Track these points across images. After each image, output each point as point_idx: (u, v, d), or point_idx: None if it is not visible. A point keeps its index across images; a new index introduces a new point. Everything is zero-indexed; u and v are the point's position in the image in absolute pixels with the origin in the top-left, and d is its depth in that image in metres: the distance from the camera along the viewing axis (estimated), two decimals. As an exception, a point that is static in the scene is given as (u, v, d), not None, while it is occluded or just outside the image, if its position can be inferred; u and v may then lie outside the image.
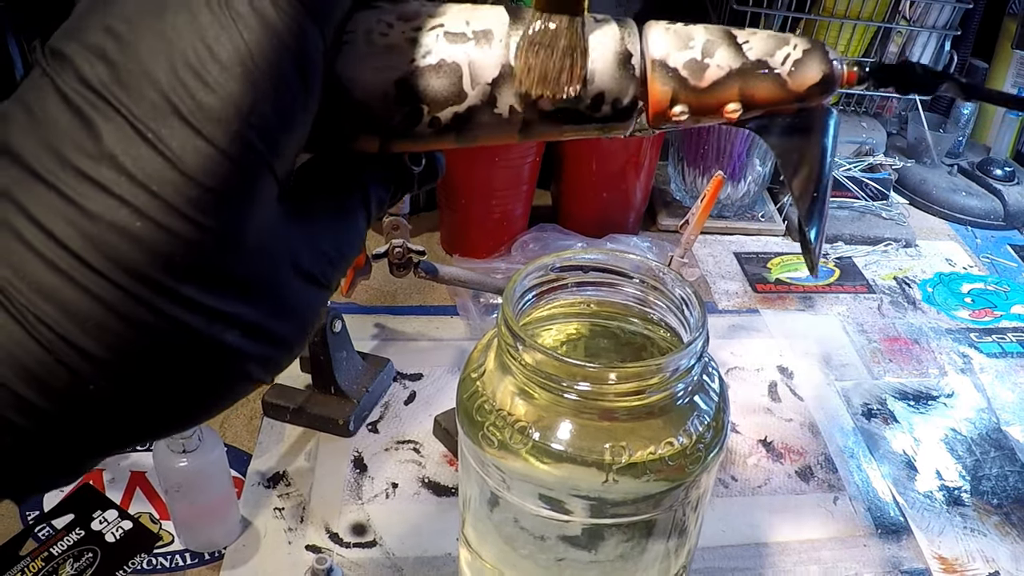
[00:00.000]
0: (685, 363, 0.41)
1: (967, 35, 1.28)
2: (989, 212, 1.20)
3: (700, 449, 0.43)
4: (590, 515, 0.43)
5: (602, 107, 0.28)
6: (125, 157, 0.20)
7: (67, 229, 0.20)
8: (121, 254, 0.20)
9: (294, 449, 0.74)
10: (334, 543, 0.66)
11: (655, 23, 0.28)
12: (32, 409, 0.21)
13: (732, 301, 1.00)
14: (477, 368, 0.46)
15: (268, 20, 0.21)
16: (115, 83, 0.20)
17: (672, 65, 0.28)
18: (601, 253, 0.48)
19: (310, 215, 0.26)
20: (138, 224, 0.20)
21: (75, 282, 0.20)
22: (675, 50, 0.28)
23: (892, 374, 0.89)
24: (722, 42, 0.28)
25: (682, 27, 0.28)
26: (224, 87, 0.21)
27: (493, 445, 0.43)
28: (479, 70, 0.27)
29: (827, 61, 0.28)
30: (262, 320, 0.24)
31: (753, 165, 1.09)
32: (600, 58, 0.27)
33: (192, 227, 0.21)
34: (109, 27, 0.21)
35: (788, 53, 0.28)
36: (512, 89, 0.27)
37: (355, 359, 0.79)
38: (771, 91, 0.28)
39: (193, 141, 0.21)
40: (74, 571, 0.62)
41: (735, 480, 0.74)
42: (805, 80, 0.28)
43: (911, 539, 0.70)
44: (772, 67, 0.28)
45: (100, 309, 0.21)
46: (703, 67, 0.28)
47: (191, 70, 0.21)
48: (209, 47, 0.21)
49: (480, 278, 0.74)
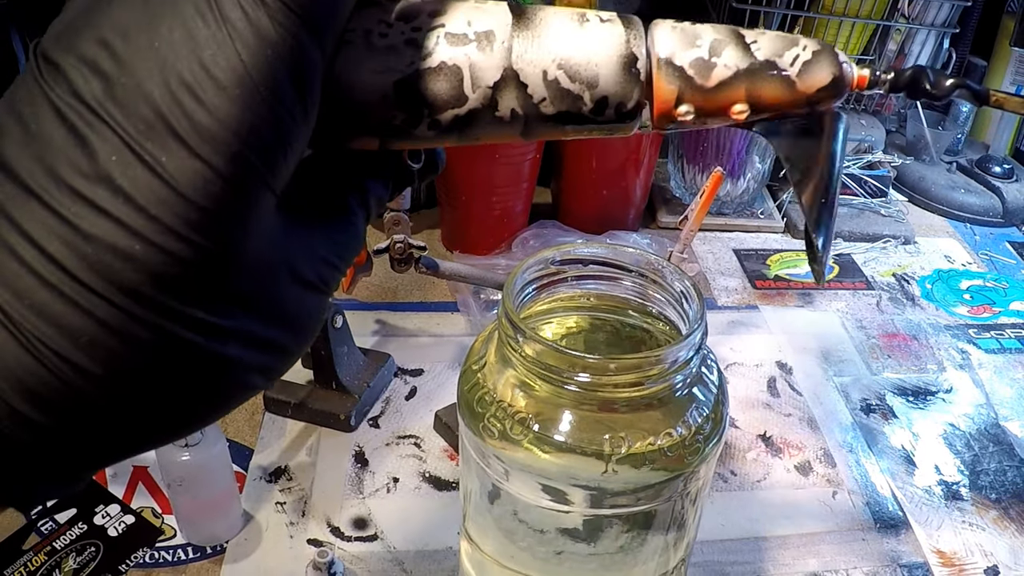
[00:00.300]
0: (684, 355, 0.42)
1: (966, 33, 1.29)
2: (988, 209, 1.21)
3: (699, 440, 0.43)
4: (590, 505, 0.43)
5: (606, 111, 0.27)
6: (121, 178, 0.20)
7: (63, 250, 0.20)
8: (118, 274, 0.20)
9: (296, 444, 0.74)
10: (335, 537, 0.66)
11: (661, 22, 0.28)
12: (29, 423, 0.21)
13: (731, 297, 1.00)
14: (478, 360, 0.46)
15: (265, 35, 0.21)
16: (109, 99, 0.20)
17: (678, 64, 0.27)
18: (601, 247, 0.49)
19: (308, 220, 0.26)
20: (136, 246, 0.20)
21: (72, 301, 0.20)
22: (681, 49, 0.27)
23: (891, 370, 0.90)
24: (730, 41, 0.27)
25: (689, 26, 0.28)
26: (220, 107, 0.20)
27: (494, 436, 0.43)
28: (480, 73, 0.26)
29: (837, 63, 0.28)
30: (261, 331, 0.24)
31: (753, 162, 1.09)
32: (604, 62, 0.27)
33: (189, 247, 0.21)
34: (103, 38, 0.20)
35: (797, 54, 0.27)
36: (514, 92, 0.26)
37: (356, 355, 0.79)
38: (779, 92, 0.28)
39: (189, 162, 0.20)
40: (77, 565, 0.62)
41: (734, 475, 0.75)
42: (815, 82, 0.28)
43: (910, 533, 0.70)
44: (781, 68, 0.27)
45: (98, 328, 0.20)
46: (710, 66, 0.27)
47: (186, 88, 0.20)
48: (205, 64, 0.20)
49: (481, 273, 0.74)
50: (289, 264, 0.24)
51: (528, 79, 0.26)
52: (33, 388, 0.21)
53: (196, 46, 0.20)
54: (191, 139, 0.20)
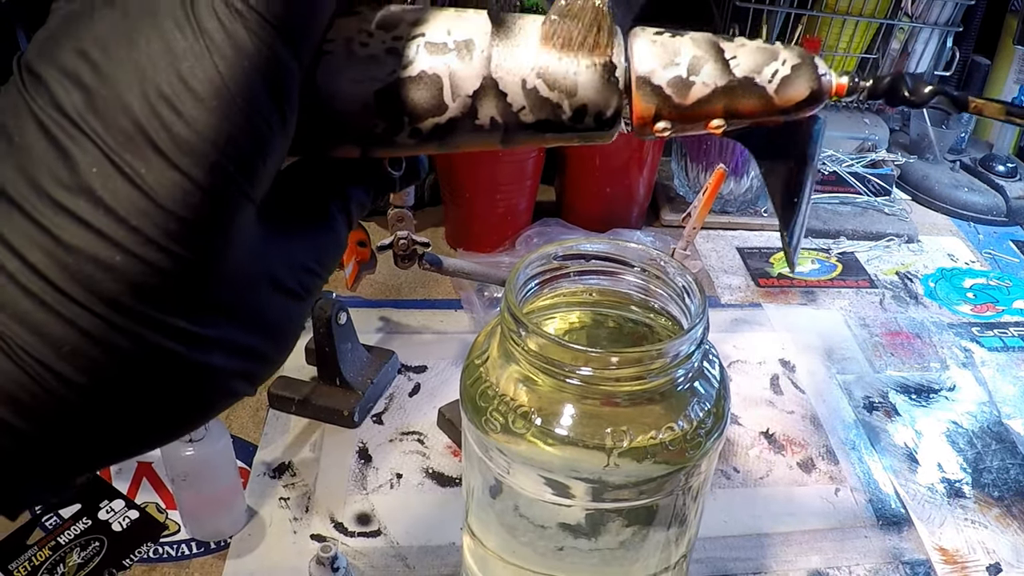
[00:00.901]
0: (686, 349, 0.42)
1: (969, 32, 1.28)
2: (991, 208, 1.20)
3: (700, 435, 0.43)
4: (592, 499, 0.43)
5: (585, 119, 0.27)
6: (102, 190, 0.20)
7: (46, 260, 0.20)
8: (99, 284, 0.20)
9: (299, 440, 0.75)
10: (339, 532, 0.66)
11: (642, 32, 0.28)
12: (11, 430, 0.21)
13: (735, 295, 1.00)
14: (481, 354, 0.46)
15: (241, 46, 0.21)
16: (90, 111, 0.20)
17: (656, 83, 0.27)
18: (603, 242, 0.49)
19: (287, 227, 0.26)
20: (117, 258, 0.20)
21: (54, 311, 0.20)
22: (660, 67, 0.27)
23: (894, 368, 0.90)
24: (709, 58, 0.27)
25: (669, 39, 0.27)
26: (198, 119, 0.21)
27: (496, 430, 0.43)
28: (460, 82, 0.26)
29: (815, 77, 0.28)
30: (242, 338, 0.24)
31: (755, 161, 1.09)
32: (583, 70, 0.27)
33: (168, 257, 0.21)
34: (83, 51, 0.21)
35: (776, 69, 0.27)
36: (493, 101, 0.27)
37: (360, 351, 0.79)
38: (756, 107, 0.28)
39: (168, 174, 0.21)
40: (81, 560, 0.63)
41: (737, 472, 0.75)
42: (792, 97, 0.28)
43: (912, 531, 0.70)
44: (759, 84, 0.27)
45: (80, 337, 0.21)
46: (688, 84, 0.27)
47: (165, 101, 0.21)
48: (183, 76, 0.21)
49: (484, 270, 0.74)
50: (270, 272, 0.25)
51: (507, 88, 0.27)
52: (16, 396, 0.21)
53: (174, 58, 0.21)
54: (170, 151, 0.21)
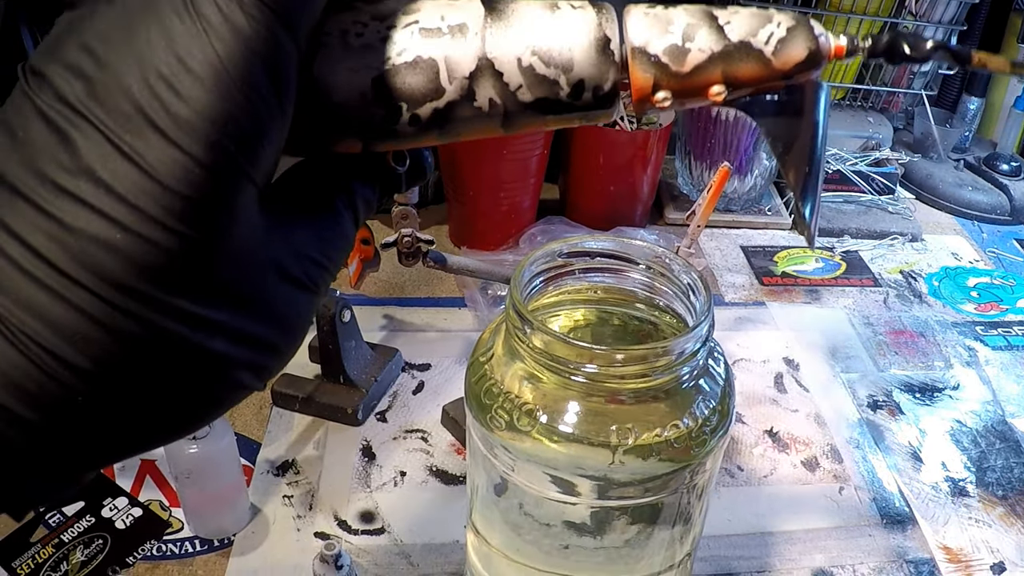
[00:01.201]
0: (690, 346, 0.42)
1: (973, 30, 1.28)
2: (995, 207, 1.20)
3: (705, 432, 0.43)
4: (597, 496, 0.43)
5: (583, 95, 0.27)
6: (103, 170, 0.20)
7: (48, 244, 0.20)
8: (102, 266, 0.20)
9: (303, 438, 0.75)
10: (342, 530, 0.66)
11: (634, 7, 0.28)
12: (23, 423, 0.21)
13: (739, 294, 1.00)
14: (486, 352, 0.46)
15: (239, 28, 0.21)
16: (91, 98, 0.21)
17: (652, 52, 0.27)
18: (608, 240, 0.49)
19: (294, 219, 0.26)
20: (118, 236, 0.20)
21: (59, 296, 0.20)
22: (655, 36, 0.27)
23: (898, 366, 0.90)
24: (703, 24, 0.27)
25: (662, 10, 0.28)
26: (197, 98, 0.21)
27: (501, 427, 0.43)
28: (456, 64, 0.26)
29: (812, 38, 0.27)
30: (248, 326, 0.24)
31: (760, 159, 1.09)
32: (578, 45, 0.27)
33: (172, 236, 0.21)
34: (85, 44, 0.21)
35: (772, 32, 0.27)
36: (490, 81, 0.27)
37: (364, 349, 0.79)
38: (755, 71, 0.27)
39: (168, 152, 0.21)
40: (84, 558, 0.63)
41: (741, 470, 0.75)
42: (790, 59, 0.27)
43: (916, 529, 0.70)
44: (755, 47, 0.27)
45: (85, 321, 0.21)
46: (684, 52, 0.27)
47: (164, 82, 0.21)
48: (181, 58, 0.21)
49: (488, 267, 0.74)
50: (276, 261, 0.25)
51: (503, 67, 0.27)
52: (22, 384, 0.21)
53: (172, 42, 0.21)
54: (170, 129, 0.21)
